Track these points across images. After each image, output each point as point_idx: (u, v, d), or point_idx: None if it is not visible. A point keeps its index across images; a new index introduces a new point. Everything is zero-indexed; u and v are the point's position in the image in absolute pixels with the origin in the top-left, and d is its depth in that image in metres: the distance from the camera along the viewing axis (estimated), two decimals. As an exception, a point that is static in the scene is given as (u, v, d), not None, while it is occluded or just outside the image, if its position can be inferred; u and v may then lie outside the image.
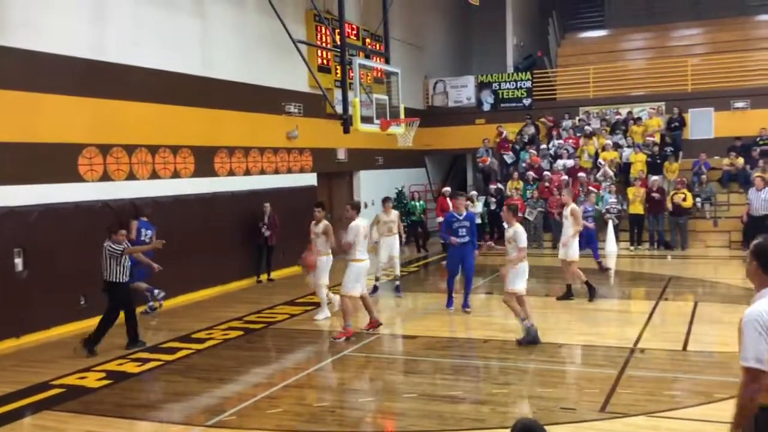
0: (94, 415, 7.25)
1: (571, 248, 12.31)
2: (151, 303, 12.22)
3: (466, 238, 11.65)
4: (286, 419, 6.95)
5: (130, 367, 8.98)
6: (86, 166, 11.57)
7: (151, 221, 12.02)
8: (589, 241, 15.27)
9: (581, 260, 12.83)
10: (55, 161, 11.02)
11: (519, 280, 9.67)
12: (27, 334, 10.45)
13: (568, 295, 12.51)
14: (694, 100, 21.22)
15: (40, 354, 9.82)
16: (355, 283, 10.15)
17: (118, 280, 9.61)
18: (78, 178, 11.43)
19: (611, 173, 19.34)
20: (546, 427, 3.68)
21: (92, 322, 10.75)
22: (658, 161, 19.58)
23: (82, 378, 8.56)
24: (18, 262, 10.39)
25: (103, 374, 8.68)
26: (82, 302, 11.17)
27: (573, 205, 12.61)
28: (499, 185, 20.73)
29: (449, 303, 11.93)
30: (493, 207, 20.03)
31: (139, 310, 12.21)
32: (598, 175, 19.43)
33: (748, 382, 3.57)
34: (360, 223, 10.25)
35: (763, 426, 3.62)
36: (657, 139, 20.22)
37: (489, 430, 6.43)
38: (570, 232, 12.33)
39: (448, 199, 19.34)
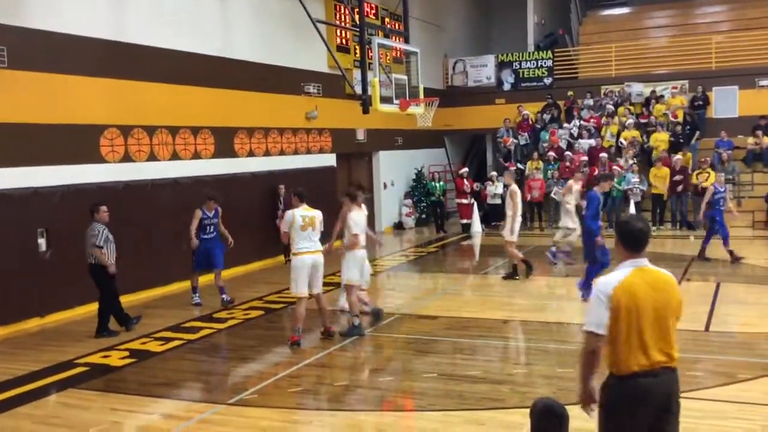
0: (118, 393, 7.35)
1: (506, 229, 12.58)
2: (226, 297, 11.34)
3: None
4: (308, 398, 7.01)
5: (153, 346, 9.08)
6: (108, 147, 11.64)
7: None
8: (721, 226, 13.64)
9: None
10: (77, 142, 11.10)
11: (352, 270, 9.11)
12: (51, 313, 10.60)
13: (513, 274, 12.79)
14: (718, 78, 20.87)
15: (65, 333, 9.97)
16: (298, 282, 8.71)
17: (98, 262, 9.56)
18: (100, 159, 11.52)
19: (629, 157, 19.07)
20: (566, 407, 3.68)
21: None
22: (681, 141, 19.33)
23: (106, 357, 8.68)
24: (41, 242, 10.51)
25: (126, 353, 8.79)
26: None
27: (513, 186, 12.71)
28: (519, 165, 20.59)
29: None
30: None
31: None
32: (621, 161, 19.19)
33: (589, 344, 3.93)
34: (296, 212, 8.69)
35: (610, 392, 3.90)
36: (680, 117, 19.95)
37: (509, 410, 6.45)
38: (509, 212, 12.46)
39: (465, 180, 19.29)
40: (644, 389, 3.87)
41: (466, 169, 20.22)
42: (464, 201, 19.54)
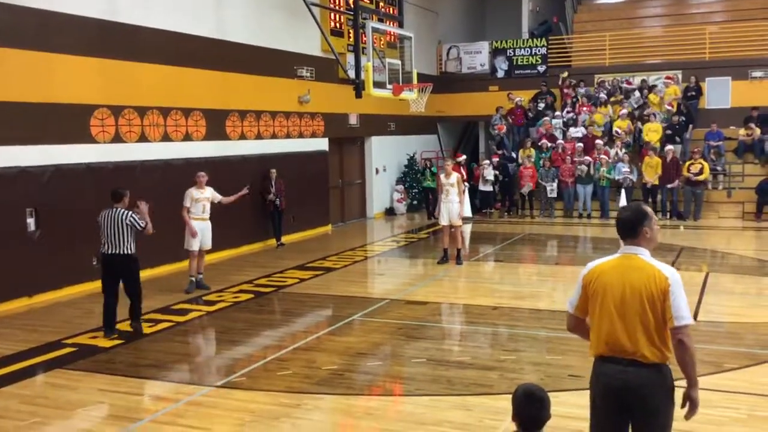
0: (106, 374, 7.33)
1: (454, 214, 12.63)
2: None
3: None
4: (296, 381, 7.01)
5: (142, 328, 9.03)
6: (98, 127, 11.56)
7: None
8: None
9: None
10: (67, 122, 11.01)
11: (188, 239, 10.90)
12: (39, 293, 10.55)
13: (444, 258, 12.94)
14: (711, 68, 20.88)
15: (53, 313, 9.93)
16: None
17: (134, 252, 8.84)
18: (90, 140, 11.43)
19: (619, 148, 19.01)
20: (554, 394, 3.69)
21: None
22: (678, 129, 19.32)
23: (94, 338, 8.64)
24: (30, 222, 10.45)
25: (114, 334, 8.74)
26: (95, 263, 11.23)
27: (457, 174, 12.88)
28: (511, 153, 20.53)
29: None
30: (500, 177, 19.85)
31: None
32: (612, 151, 19.10)
33: (566, 321, 4.21)
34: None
35: (594, 372, 3.97)
36: (674, 108, 19.97)
37: (497, 396, 6.46)
38: (456, 199, 12.57)
39: (461, 168, 19.19)
40: (606, 374, 3.87)
41: (464, 157, 20.15)
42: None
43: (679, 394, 3.91)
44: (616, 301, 3.83)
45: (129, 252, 8.61)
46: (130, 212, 8.62)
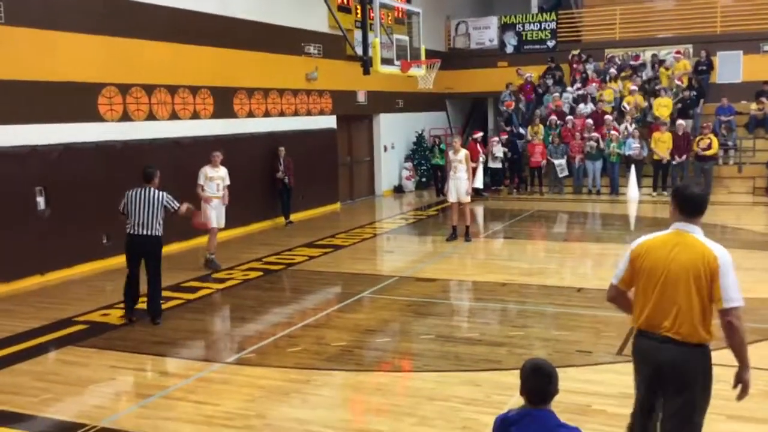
0: (117, 351, 7.40)
1: (462, 191, 12.57)
2: None
3: None
4: (305, 358, 7.05)
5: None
6: (106, 105, 11.56)
7: None
8: None
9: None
10: (76, 100, 11.01)
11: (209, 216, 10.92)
12: (51, 271, 10.63)
13: (453, 236, 12.94)
14: (722, 42, 20.65)
15: (64, 291, 10.01)
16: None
17: (162, 233, 8.48)
18: (98, 118, 11.44)
19: (629, 123, 18.83)
20: (562, 369, 3.70)
21: (115, 261, 10.89)
22: (689, 103, 19.15)
23: (105, 315, 8.72)
24: (40, 200, 10.50)
25: (134, 317, 8.78)
26: (105, 241, 11.31)
27: (465, 150, 12.80)
28: (521, 130, 20.41)
29: None
30: (509, 154, 19.73)
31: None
32: (627, 125, 18.92)
33: (607, 292, 4.19)
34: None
35: (634, 343, 4.07)
36: (685, 83, 19.79)
37: (505, 371, 6.48)
38: (465, 176, 12.49)
39: (477, 145, 19.02)
40: (642, 348, 3.96)
41: (481, 134, 20.00)
42: (474, 165, 19.33)
43: (729, 376, 4.01)
44: (661, 278, 3.81)
45: (158, 233, 8.35)
46: (165, 192, 8.40)
